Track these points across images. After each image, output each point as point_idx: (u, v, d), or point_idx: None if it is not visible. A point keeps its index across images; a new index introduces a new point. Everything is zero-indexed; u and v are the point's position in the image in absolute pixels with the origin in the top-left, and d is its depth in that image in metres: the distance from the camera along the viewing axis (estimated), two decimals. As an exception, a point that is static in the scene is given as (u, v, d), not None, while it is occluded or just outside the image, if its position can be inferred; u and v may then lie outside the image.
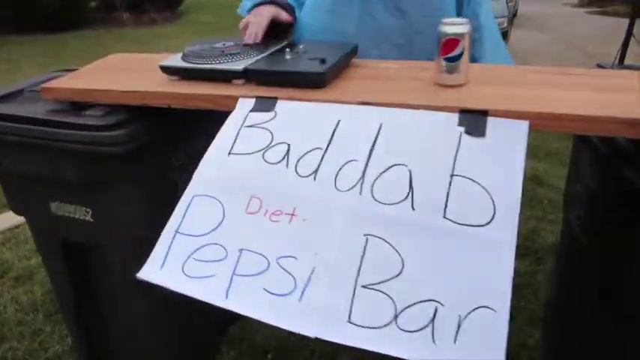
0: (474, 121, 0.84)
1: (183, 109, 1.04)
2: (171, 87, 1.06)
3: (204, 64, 1.05)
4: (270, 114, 0.94)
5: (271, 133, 0.90)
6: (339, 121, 0.89)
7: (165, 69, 1.10)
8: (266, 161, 0.87)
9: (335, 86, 0.98)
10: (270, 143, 0.88)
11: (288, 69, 0.99)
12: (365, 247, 0.79)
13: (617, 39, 8.12)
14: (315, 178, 0.83)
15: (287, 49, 1.08)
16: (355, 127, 0.88)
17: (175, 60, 1.11)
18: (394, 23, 1.22)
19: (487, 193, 0.80)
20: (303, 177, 0.84)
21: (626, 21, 11.96)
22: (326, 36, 1.24)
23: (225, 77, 1.04)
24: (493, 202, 0.79)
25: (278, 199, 0.83)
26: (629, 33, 6.37)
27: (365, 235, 0.80)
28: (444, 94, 0.91)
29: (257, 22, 1.15)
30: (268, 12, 1.17)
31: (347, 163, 0.84)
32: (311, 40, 1.22)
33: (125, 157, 1.09)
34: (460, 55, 0.92)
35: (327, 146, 0.86)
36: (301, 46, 1.09)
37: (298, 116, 0.92)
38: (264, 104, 0.95)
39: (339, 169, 0.83)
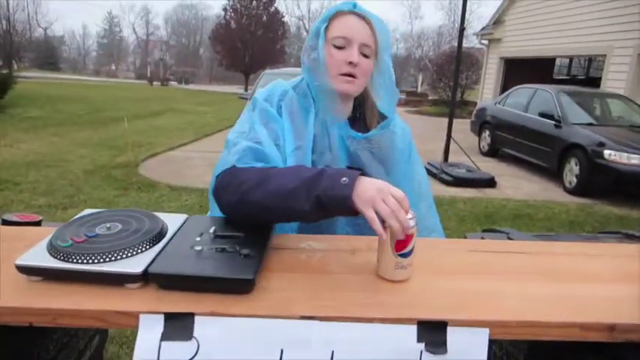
0: (433, 334, 0.75)
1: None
2: (33, 297, 0.78)
3: (86, 263, 0.81)
4: (190, 345, 0.72)
5: (201, 382, 0.69)
6: (282, 351, 0.73)
7: (25, 270, 0.82)
8: None
9: (261, 287, 0.82)
10: (204, 400, 0.67)
11: (204, 273, 0.79)
12: None
13: (434, 136, 9.38)
14: None
15: (195, 237, 0.89)
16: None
17: (40, 256, 0.84)
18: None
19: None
20: None
21: (437, 119, 13.97)
22: None
23: (115, 280, 0.80)
24: None
25: None
26: (449, 135, 7.41)
27: None
28: (396, 298, 0.80)
29: None
30: None
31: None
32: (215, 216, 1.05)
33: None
34: (412, 250, 0.85)
35: (276, 394, 0.70)
36: (211, 229, 0.91)
37: (228, 346, 0.73)
38: (179, 327, 0.74)
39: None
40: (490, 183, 6.51)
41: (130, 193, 4.90)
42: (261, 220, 0.97)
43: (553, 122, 7.17)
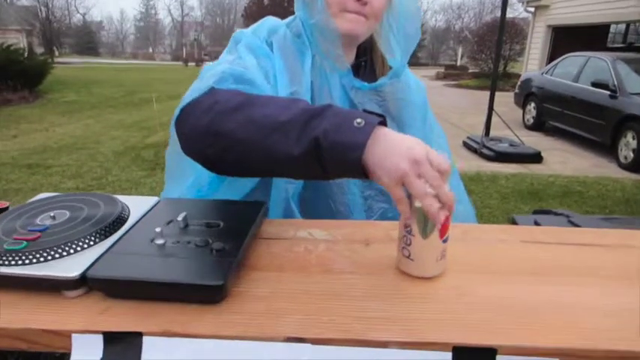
0: (477, 365, 0.52)
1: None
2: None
3: (11, 264, 0.61)
4: (131, 379, 0.52)
5: None
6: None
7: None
8: None
9: (237, 295, 0.60)
10: None
11: (158, 278, 0.58)
12: None
13: (475, 109, 8.93)
14: None
15: (160, 226, 0.68)
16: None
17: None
18: None
19: None
20: None
21: (477, 92, 13.40)
22: None
23: (48, 287, 0.61)
24: None
25: None
26: (491, 108, 6.97)
27: None
28: (422, 312, 0.57)
29: None
30: None
31: None
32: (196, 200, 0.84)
33: None
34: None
35: None
36: (181, 216, 0.70)
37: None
38: (122, 352, 0.54)
39: None
40: (535, 158, 6.08)
41: (157, 173, 4.81)
42: (231, 166, 0.72)
43: (608, 92, 6.61)
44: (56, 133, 6.87)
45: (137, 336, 0.55)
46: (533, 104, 8.49)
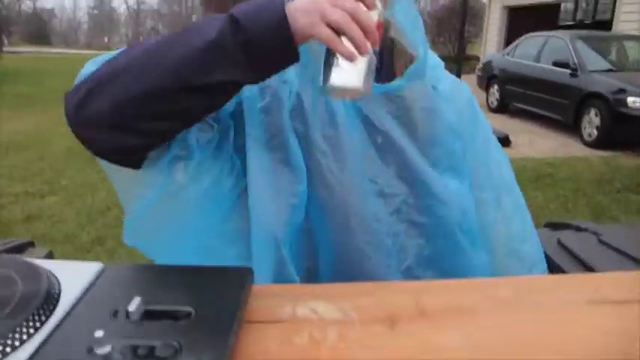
0: None
1: None
2: None
3: None
4: None
5: None
6: None
7: None
8: None
9: None
10: None
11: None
12: None
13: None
14: None
15: (103, 319, 0.47)
16: None
17: None
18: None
19: None
20: None
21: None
22: None
23: None
24: None
25: None
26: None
27: None
28: None
29: None
30: None
31: None
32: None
33: None
34: None
35: None
36: (135, 302, 0.49)
37: None
38: None
39: None
40: (504, 142, 6.05)
41: (116, 175, 4.48)
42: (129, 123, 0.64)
43: (568, 71, 6.66)
44: (3, 130, 6.35)
45: None
46: (496, 86, 8.50)
